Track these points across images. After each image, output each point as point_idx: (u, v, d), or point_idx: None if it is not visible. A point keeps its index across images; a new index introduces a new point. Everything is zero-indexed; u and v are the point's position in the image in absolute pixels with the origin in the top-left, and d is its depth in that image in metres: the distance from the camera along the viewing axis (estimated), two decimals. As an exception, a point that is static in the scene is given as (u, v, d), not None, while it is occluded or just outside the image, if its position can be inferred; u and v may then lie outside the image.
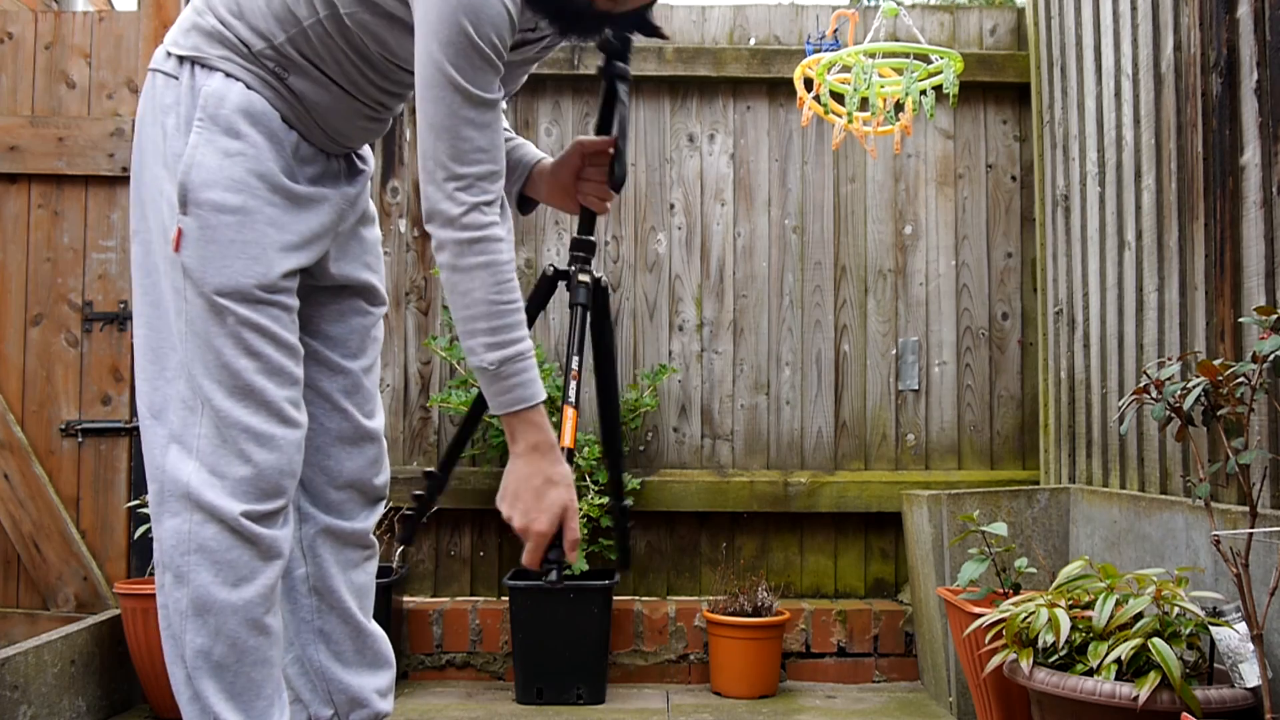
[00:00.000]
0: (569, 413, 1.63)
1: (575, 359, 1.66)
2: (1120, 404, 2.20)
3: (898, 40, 3.38)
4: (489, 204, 1.52)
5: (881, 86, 2.78)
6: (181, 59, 1.61)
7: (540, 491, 1.56)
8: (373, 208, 1.87)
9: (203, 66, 1.60)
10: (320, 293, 1.78)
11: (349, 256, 1.80)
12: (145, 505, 2.95)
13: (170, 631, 1.59)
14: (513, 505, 1.56)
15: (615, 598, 3.19)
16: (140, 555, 3.22)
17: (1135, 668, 1.87)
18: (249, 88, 1.60)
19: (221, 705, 1.56)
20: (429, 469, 2.01)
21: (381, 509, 1.87)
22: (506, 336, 1.52)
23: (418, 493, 1.86)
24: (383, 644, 1.87)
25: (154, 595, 2.73)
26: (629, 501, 1.80)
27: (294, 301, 1.65)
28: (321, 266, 1.75)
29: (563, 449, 1.60)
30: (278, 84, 1.63)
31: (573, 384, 1.65)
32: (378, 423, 1.85)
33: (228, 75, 1.60)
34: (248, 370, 1.57)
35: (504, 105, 1.74)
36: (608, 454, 1.84)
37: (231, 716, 1.56)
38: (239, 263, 1.57)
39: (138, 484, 3.22)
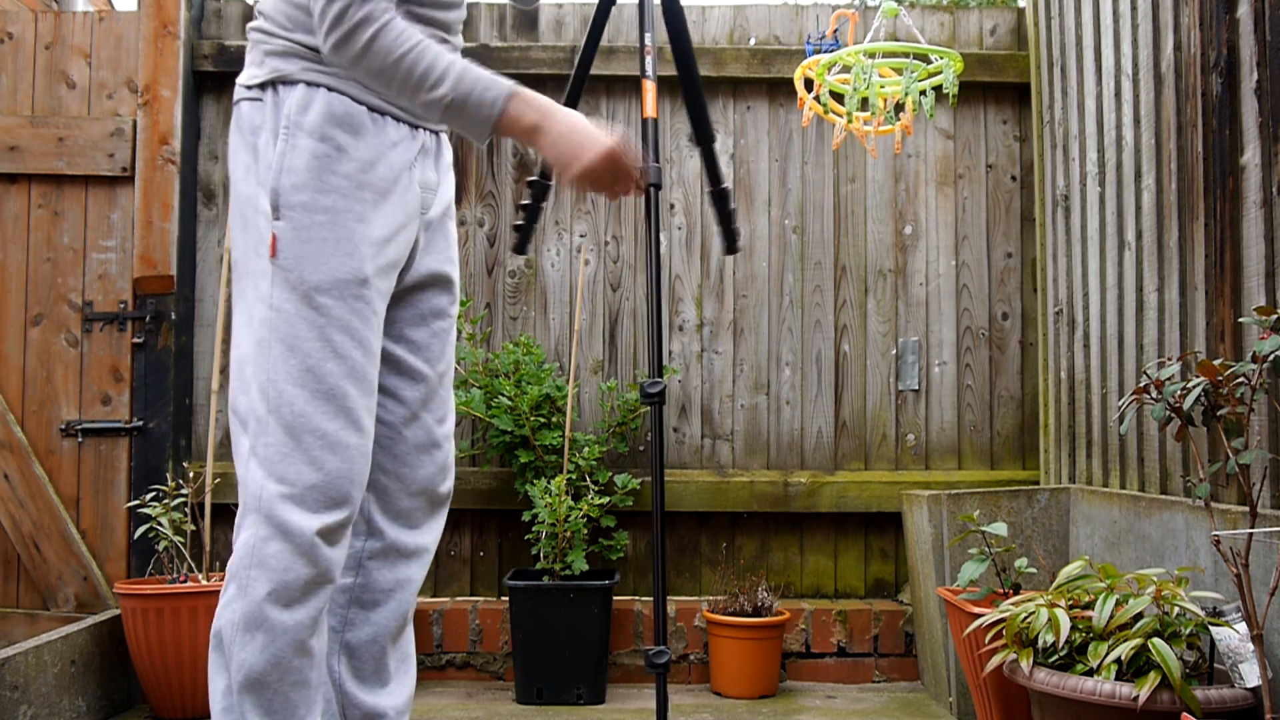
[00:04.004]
0: (647, 84, 1.78)
1: (648, 34, 1.81)
2: (1120, 404, 2.20)
3: (898, 40, 3.38)
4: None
5: (881, 86, 2.78)
6: (264, 85, 1.68)
7: (577, 145, 1.62)
8: (453, 207, 1.92)
9: (285, 84, 1.67)
10: (405, 294, 1.80)
11: (434, 250, 1.83)
12: (145, 505, 2.96)
13: (220, 641, 1.59)
14: (581, 177, 1.63)
15: (615, 598, 3.19)
16: (140, 555, 3.23)
17: (1135, 668, 1.87)
18: (331, 90, 1.65)
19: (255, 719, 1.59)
20: (531, 177, 2.10)
21: (444, 515, 1.88)
22: (435, 76, 1.59)
23: (524, 202, 1.92)
24: (407, 662, 1.85)
25: (153, 596, 2.76)
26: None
27: (383, 306, 1.68)
28: (411, 260, 1.77)
29: (645, 119, 1.76)
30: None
31: (648, 58, 1.79)
32: (448, 427, 1.86)
33: (309, 85, 1.65)
34: (334, 374, 1.60)
35: None
36: (701, 143, 2.01)
37: None
38: (334, 259, 1.62)
39: (138, 484, 3.23)
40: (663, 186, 1.91)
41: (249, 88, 1.69)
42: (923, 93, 2.78)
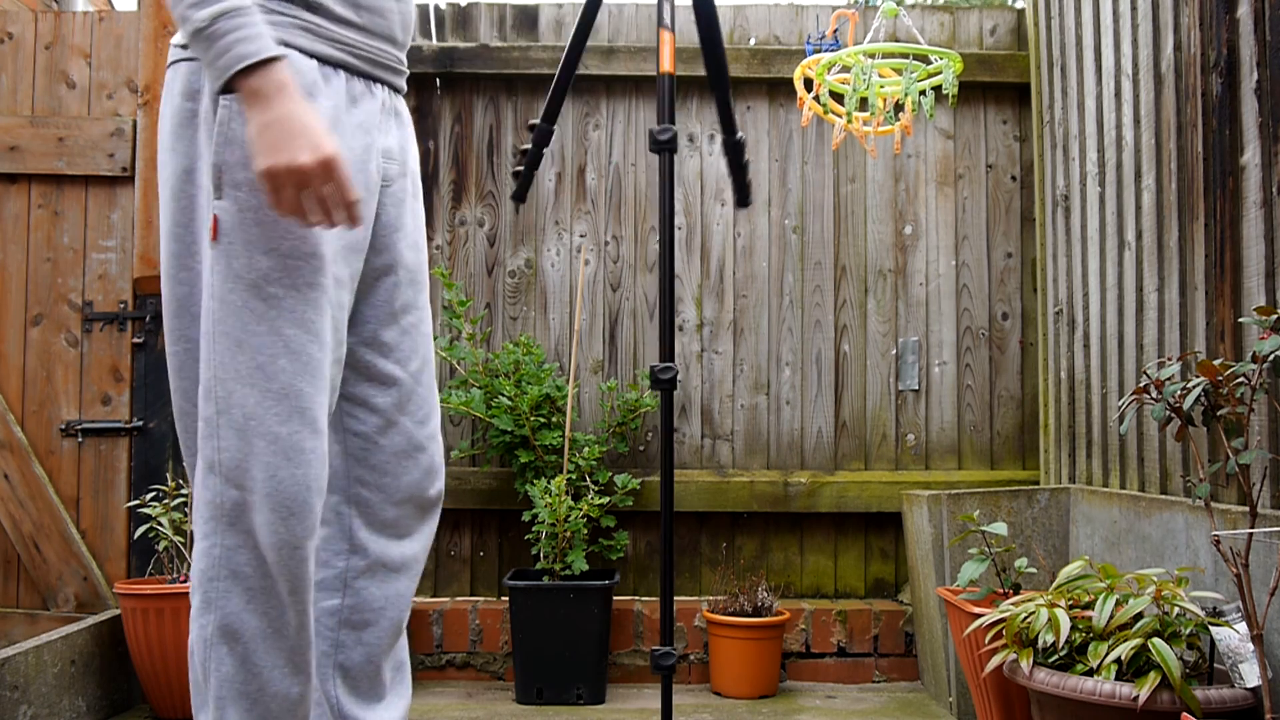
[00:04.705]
0: (665, 35, 1.78)
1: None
2: (1120, 404, 2.20)
3: (898, 40, 3.38)
4: None
5: (881, 86, 2.78)
6: None
7: (291, 138, 1.36)
8: (419, 182, 1.75)
9: None
10: (371, 284, 1.65)
11: (403, 231, 1.66)
12: (145, 505, 2.96)
13: (195, 657, 1.51)
14: (271, 173, 1.37)
15: (615, 598, 3.19)
16: (140, 555, 3.23)
17: (1135, 668, 1.87)
18: (279, 43, 1.45)
19: None
20: (533, 121, 2.13)
21: (435, 519, 1.76)
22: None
23: (524, 146, 1.92)
24: (402, 670, 1.77)
25: (153, 596, 2.76)
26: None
27: (344, 294, 1.55)
28: (376, 241, 1.63)
29: (662, 74, 1.77)
30: (309, 14, 1.51)
31: (666, 6, 1.80)
32: (432, 427, 1.71)
33: None
34: (286, 372, 1.45)
35: None
36: (716, 89, 2.08)
37: None
38: (285, 243, 1.45)
39: (138, 484, 3.23)
40: (677, 150, 1.87)
41: (184, 46, 1.49)
42: (922, 93, 2.78)
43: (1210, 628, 1.90)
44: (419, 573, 1.75)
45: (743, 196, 2.07)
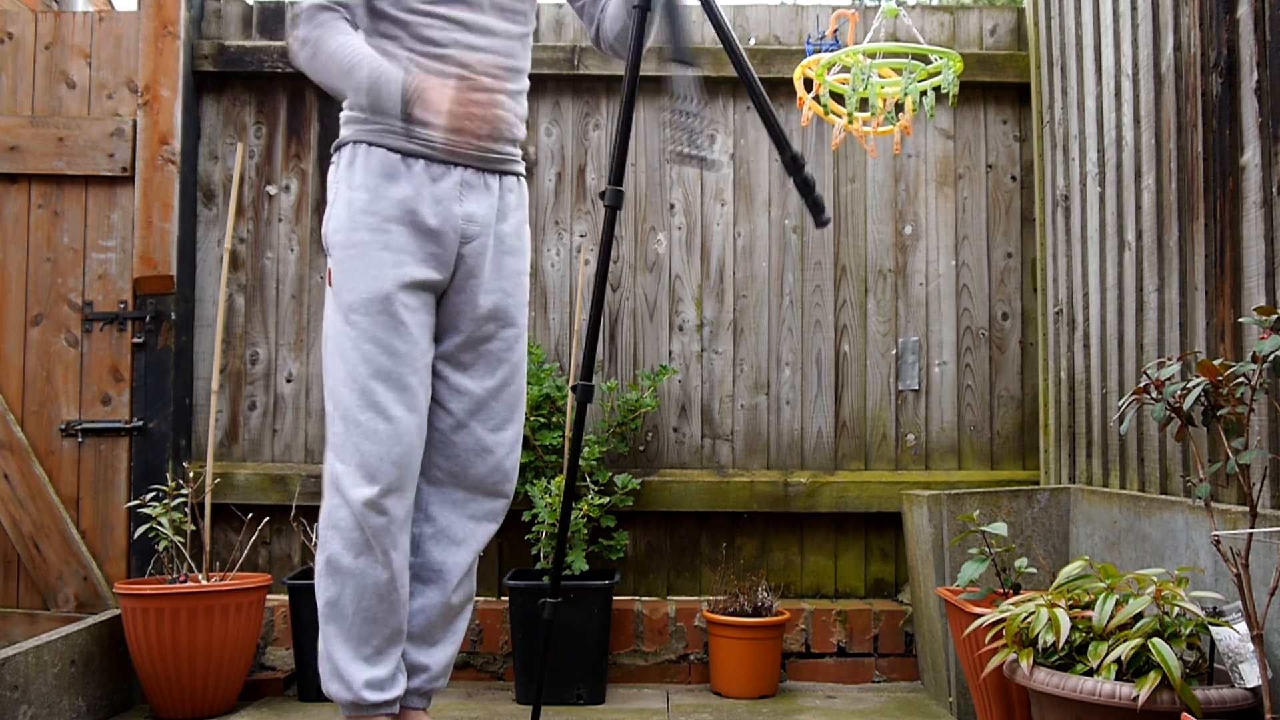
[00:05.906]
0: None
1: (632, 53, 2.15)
2: (1120, 404, 2.20)
3: (897, 40, 3.38)
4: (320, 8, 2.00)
5: (881, 87, 2.78)
6: (336, 149, 2.12)
7: (440, 98, 1.95)
8: (524, 242, 2.20)
9: (343, 146, 2.10)
10: (455, 315, 2.12)
11: (484, 278, 2.12)
12: (145, 505, 2.96)
13: (316, 586, 2.06)
14: (430, 110, 1.94)
15: (615, 598, 3.19)
16: (140, 555, 3.22)
17: (1135, 668, 1.87)
18: (371, 145, 2.05)
19: (336, 644, 2.02)
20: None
21: (499, 511, 2.21)
22: (359, 70, 1.97)
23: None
24: (454, 635, 2.21)
25: (153, 596, 2.77)
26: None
27: (416, 315, 2.03)
28: (455, 283, 2.10)
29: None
30: (401, 122, 2.00)
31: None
32: (502, 436, 2.17)
33: (355, 142, 2.07)
34: (363, 375, 1.99)
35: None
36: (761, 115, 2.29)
37: (341, 653, 2.01)
38: (362, 283, 2.01)
39: (138, 484, 3.23)
40: (621, 208, 2.16)
41: (331, 154, 2.13)
42: (922, 93, 2.78)
43: (1210, 628, 1.90)
44: (477, 550, 2.20)
45: (817, 216, 2.06)
